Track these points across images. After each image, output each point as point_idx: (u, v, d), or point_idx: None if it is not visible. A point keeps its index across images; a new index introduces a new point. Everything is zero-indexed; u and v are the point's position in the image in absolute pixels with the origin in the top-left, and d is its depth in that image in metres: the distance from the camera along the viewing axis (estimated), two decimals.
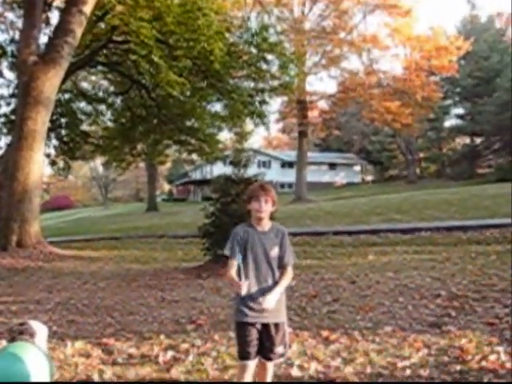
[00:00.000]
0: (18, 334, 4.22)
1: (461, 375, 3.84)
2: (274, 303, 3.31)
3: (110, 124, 25.47)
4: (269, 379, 3.55)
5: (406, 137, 47.71)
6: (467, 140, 53.13)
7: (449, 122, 53.56)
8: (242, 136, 21.31)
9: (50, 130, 17.78)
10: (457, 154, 50.04)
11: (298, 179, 38.25)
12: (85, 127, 25.06)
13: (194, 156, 34.69)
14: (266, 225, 3.49)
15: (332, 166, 59.99)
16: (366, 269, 8.45)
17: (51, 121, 15.98)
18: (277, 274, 3.46)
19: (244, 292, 3.28)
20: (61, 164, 25.17)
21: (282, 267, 3.47)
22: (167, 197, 66.78)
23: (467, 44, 31.65)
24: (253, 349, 3.38)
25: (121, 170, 27.55)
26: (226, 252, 3.48)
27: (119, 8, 16.80)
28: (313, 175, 49.11)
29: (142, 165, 50.99)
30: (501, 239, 10.46)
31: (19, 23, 21.50)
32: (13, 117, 20.16)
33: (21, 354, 3.88)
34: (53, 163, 25.08)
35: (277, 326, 3.42)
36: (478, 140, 50.02)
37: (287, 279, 3.48)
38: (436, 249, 10.23)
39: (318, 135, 52.72)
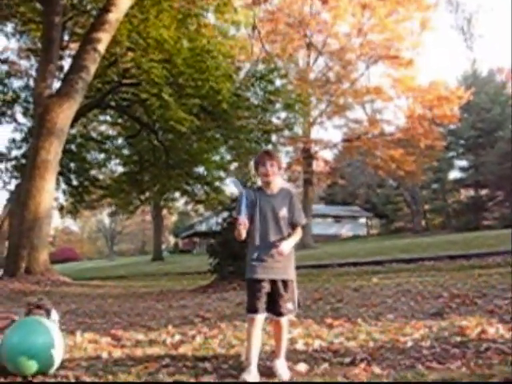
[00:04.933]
0: (36, 307, 4.41)
1: (461, 344, 3.96)
2: (287, 250, 3.48)
3: (119, 169, 26.04)
4: (285, 336, 3.66)
5: (410, 188, 47.78)
6: (471, 192, 53.22)
7: (453, 174, 53.84)
8: (248, 179, 21.82)
9: (59, 174, 18.15)
10: (461, 206, 50.06)
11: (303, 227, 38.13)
12: (94, 172, 25.61)
13: (201, 208, 35.01)
14: (275, 187, 3.65)
15: (337, 218, 59.88)
16: (370, 285, 8.55)
17: (61, 165, 16.36)
18: (285, 233, 3.59)
19: (243, 234, 3.47)
20: (69, 208, 25.50)
21: (291, 227, 3.65)
22: (173, 249, 66.62)
23: (468, 93, 31.96)
24: (259, 303, 3.48)
25: (128, 213, 27.79)
26: (235, 214, 3.75)
27: (130, 54, 17.59)
28: (318, 228, 49.00)
29: (148, 217, 51.11)
30: (503, 264, 10.56)
31: (32, 71, 22.52)
32: (23, 161, 20.69)
33: (37, 328, 4.05)
34: (61, 208, 25.41)
35: (285, 282, 3.53)
36: (483, 192, 50.12)
37: (297, 235, 3.66)
38: (439, 273, 10.31)
39: (324, 184, 52.78)
